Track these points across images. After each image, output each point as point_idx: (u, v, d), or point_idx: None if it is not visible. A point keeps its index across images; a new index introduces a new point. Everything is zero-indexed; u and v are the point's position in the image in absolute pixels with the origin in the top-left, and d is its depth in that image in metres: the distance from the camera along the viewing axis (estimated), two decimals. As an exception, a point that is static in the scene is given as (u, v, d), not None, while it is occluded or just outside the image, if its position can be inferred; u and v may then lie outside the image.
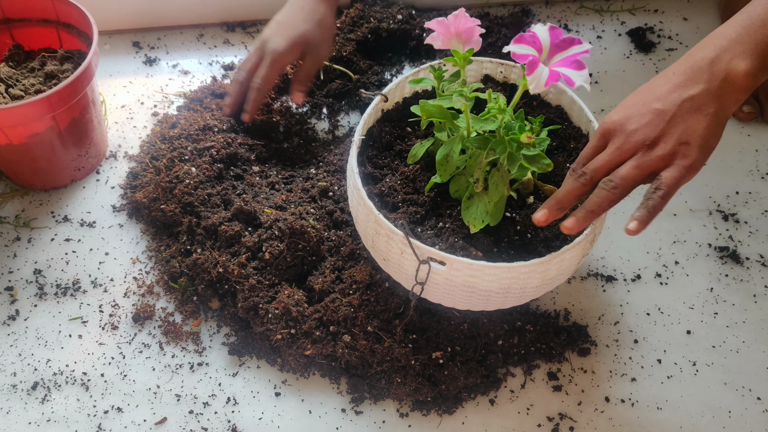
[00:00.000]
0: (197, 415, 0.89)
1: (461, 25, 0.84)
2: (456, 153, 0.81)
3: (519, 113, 0.79)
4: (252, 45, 1.15)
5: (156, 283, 0.99)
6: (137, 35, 1.28)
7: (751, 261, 1.03)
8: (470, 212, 0.81)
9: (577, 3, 1.35)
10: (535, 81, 0.74)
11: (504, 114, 0.78)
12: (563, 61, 0.77)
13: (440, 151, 0.82)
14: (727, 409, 0.91)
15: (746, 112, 1.16)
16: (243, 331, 0.95)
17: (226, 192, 1.02)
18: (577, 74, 0.75)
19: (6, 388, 0.90)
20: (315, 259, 0.97)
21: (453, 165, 0.81)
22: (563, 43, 0.77)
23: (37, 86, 1.02)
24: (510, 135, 0.76)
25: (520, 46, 0.75)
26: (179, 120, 1.12)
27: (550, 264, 0.78)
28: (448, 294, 0.83)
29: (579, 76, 0.75)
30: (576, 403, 0.91)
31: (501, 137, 0.77)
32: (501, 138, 0.77)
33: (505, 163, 0.79)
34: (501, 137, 0.77)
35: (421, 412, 0.89)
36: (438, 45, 0.86)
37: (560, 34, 0.77)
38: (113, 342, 0.94)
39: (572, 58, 0.76)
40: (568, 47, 0.77)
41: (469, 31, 0.84)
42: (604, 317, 0.98)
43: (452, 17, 0.84)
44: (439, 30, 0.85)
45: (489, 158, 0.79)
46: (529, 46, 0.76)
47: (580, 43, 0.77)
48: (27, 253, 1.02)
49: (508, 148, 0.77)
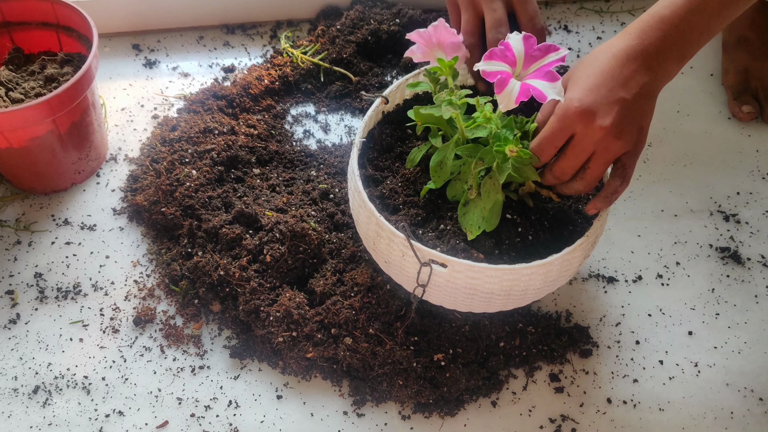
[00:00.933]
0: (199, 418, 0.89)
1: (442, 36, 0.83)
2: (450, 159, 0.80)
3: (509, 120, 0.78)
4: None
5: (157, 286, 0.99)
6: (137, 38, 1.28)
7: (753, 261, 1.03)
8: (467, 219, 0.81)
9: (576, 4, 1.35)
10: (505, 100, 0.72)
11: (490, 122, 0.77)
12: (537, 72, 0.75)
13: (434, 158, 0.81)
14: (730, 410, 0.91)
15: (746, 112, 1.16)
16: (244, 334, 0.95)
17: (226, 194, 1.02)
18: (550, 87, 0.73)
19: (7, 392, 0.90)
20: (316, 261, 0.97)
21: (447, 171, 0.81)
22: (538, 51, 0.75)
23: (37, 89, 1.02)
24: (495, 147, 0.75)
25: (490, 63, 0.74)
26: (179, 122, 1.12)
27: (552, 266, 0.78)
28: (450, 296, 0.82)
29: (551, 88, 0.73)
30: (578, 405, 0.91)
31: (489, 147, 0.77)
32: (489, 148, 0.77)
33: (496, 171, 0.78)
34: (489, 147, 0.77)
35: (422, 415, 0.89)
36: (418, 58, 0.85)
37: (534, 43, 0.75)
38: (114, 345, 0.94)
39: (546, 68, 0.74)
40: (544, 56, 0.75)
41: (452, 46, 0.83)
42: (605, 318, 0.98)
43: (432, 29, 0.82)
44: (420, 42, 0.84)
45: (479, 168, 0.79)
46: (499, 61, 0.74)
47: (557, 50, 0.75)
48: (27, 257, 1.01)
49: (496, 159, 0.76)
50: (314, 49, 1.22)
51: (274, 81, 1.18)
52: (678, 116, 1.18)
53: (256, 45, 1.27)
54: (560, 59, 0.74)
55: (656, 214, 1.07)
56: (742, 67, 1.18)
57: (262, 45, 1.27)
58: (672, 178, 1.11)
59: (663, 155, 1.14)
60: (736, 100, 1.17)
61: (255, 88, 1.16)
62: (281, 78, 1.19)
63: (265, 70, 1.20)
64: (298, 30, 1.29)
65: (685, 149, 1.14)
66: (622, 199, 1.08)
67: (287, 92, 1.20)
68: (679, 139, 1.16)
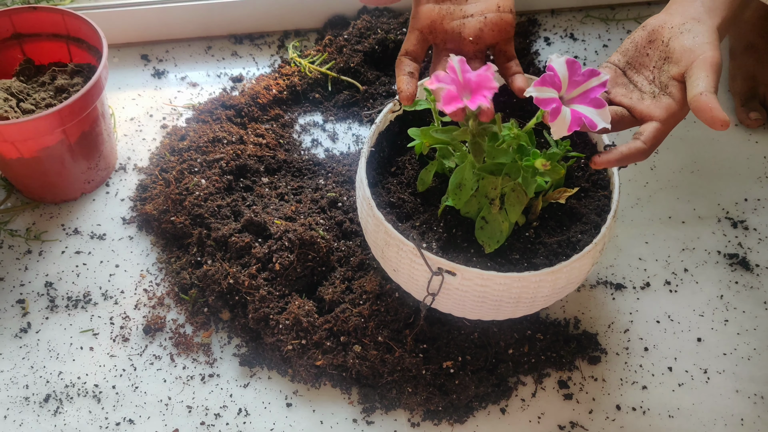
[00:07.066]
0: (209, 426, 0.89)
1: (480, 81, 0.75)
2: (469, 180, 0.79)
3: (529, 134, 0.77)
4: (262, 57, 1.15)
5: (166, 294, 1.00)
6: (145, 48, 1.29)
7: (761, 268, 1.03)
8: (485, 232, 0.80)
9: (583, 12, 1.35)
10: (558, 128, 0.71)
11: (518, 140, 0.76)
12: (582, 98, 0.73)
13: (452, 180, 0.80)
14: (740, 416, 0.90)
15: (753, 119, 1.16)
16: (254, 342, 0.95)
17: (235, 203, 1.03)
18: (597, 114, 0.72)
19: (18, 401, 0.91)
20: (325, 269, 0.97)
21: (468, 191, 0.79)
22: (582, 77, 0.74)
23: (47, 100, 1.03)
24: (525, 161, 0.75)
25: (543, 90, 0.72)
26: (188, 132, 1.13)
27: (561, 273, 0.79)
28: (459, 304, 0.83)
29: (599, 115, 0.72)
30: (587, 412, 0.91)
31: (515, 162, 0.76)
32: (515, 163, 0.76)
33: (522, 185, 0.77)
34: (515, 162, 0.76)
35: (432, 422, 0.89)
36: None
37: (579, 68, 0.74)
38: (124, 354, 0.95)
39: (591, 95, 0.73)
40: (586, 80, 0.74)
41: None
42: (613, 325, 0.98)
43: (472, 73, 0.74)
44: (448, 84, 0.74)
45: (506, 184, 0.78)
46: (549, 87, 0.72)
47: (598, 75, 0.73)
48: (38, 266, 1.02)
49: (524, 173, 0.76)
50: (322, 59, 1.23)
51: (282, 90, 1.19)
52: (685, 123, 1.18)
53: (264, 55, 1.28)
54: (602, 84, 0.73)
55: (664, 220, 1.08)
56: (750, 74, 1.19)
57: (269, 55, 1.28)
58: (679, 184, 1.11)
59: (670, 162, 1.14)
60: (744, 107, 1.17)
61: (263, 98, 1.17)
62: (289, 87, 1.20)
63: (273, 79, 1.21)
64: (306, 40, 1.30)
65: (693, 156, 1.15)
66: (629, 205, 1.08)
67: (295, 101, 1.20)
68: (687, 145, 1.16)
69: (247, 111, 1.15)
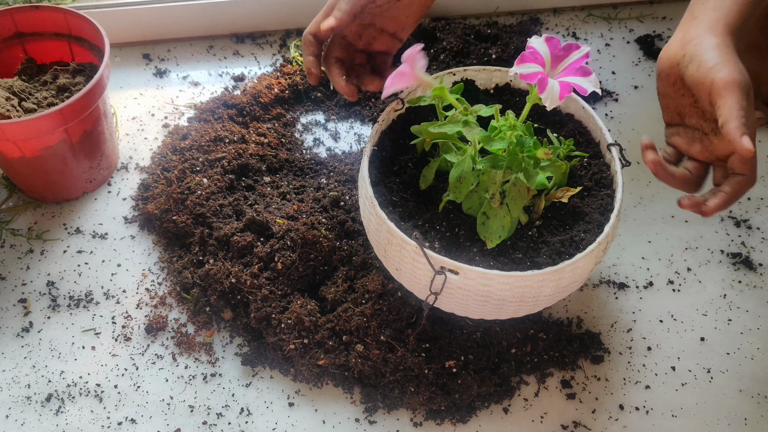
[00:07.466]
0: (211, 426, 0.89)
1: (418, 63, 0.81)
2: (469, 173, 0.80)
3: (527, 126, 0.78)
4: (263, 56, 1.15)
5: (168, 294, 0.99)
6: (147, 47, 1.28)
7: (764, 267, 1.03)
8: (487, 227, 0.80)
9: (585, 11, 1.35)
10: (548, 97, 0.73)
11: (515, 130, 0.77)
12: (568, 70, 0.76)
13: (453, 173, 0.81)
14: (743, 416, 0.90)
15: (757, 118, 1.16)
16: (256, 342, 0.95)
17: (237, 202, 1.02)
18: (586, 81, 0.75)
19: (20, 400, 0.91)
20: (327, 268, 0.97)
21: (468, 185, 0.80)
22: (563, 51, 0.77)
23: (49, 99, 1.02)
24: (526, 152, 0.75)
25: (525, 66, 0.75)
26: (190, 131, 1.13)
27: (563, 272, 0.78)
28: (462, 303, 0.82)
29: (588, 82, 0.75)
30: (590, 411, 0.90)
31: (515, 154, 0.77)
32: (516, 156, 0.77)
33: (522, 178, 0.78)
34: (515, 154, 0.77)
35: (434, 422, 0.89)
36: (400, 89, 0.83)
37: (558, 43, 0.77)
38: (126, 353, 0.95)
39: (576, 66, 0.76)
40: (568, 55, 0.77)
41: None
42: (616, 325, 0.97)
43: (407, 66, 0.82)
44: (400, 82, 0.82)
45: (506, 177, 0.78)
46: (532, 63, 0.75)
47: (578, 48, 0.76)
48: (40, 265, 1.02)
49: (524, 165, 0.76)
50: (323, 58, 1.22)
51: (284, 89, 1.19)
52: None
53: (265, 54, 1.28)
54: (584, 56, 0.76)
55: (667, 219, 1.07)
56: (753, 74, 1.17)
57: (271, 54, 1.28)
58: (682, 183, 1.11)
59: (673, 161, 1.13)
60: (747, 106, 1.17)
61: (265, 97, 1.17)
62: (291, 86, 1.20)
63: (274, 78, 1.21)
64: (308, 39, 1.30)
65: (695, 155, 1.14)
66: (632, 204, 1.08)
67: (297, 101, 1.20)
68: (689, 144, 1.15)
69: (249, 110, 1.15)
